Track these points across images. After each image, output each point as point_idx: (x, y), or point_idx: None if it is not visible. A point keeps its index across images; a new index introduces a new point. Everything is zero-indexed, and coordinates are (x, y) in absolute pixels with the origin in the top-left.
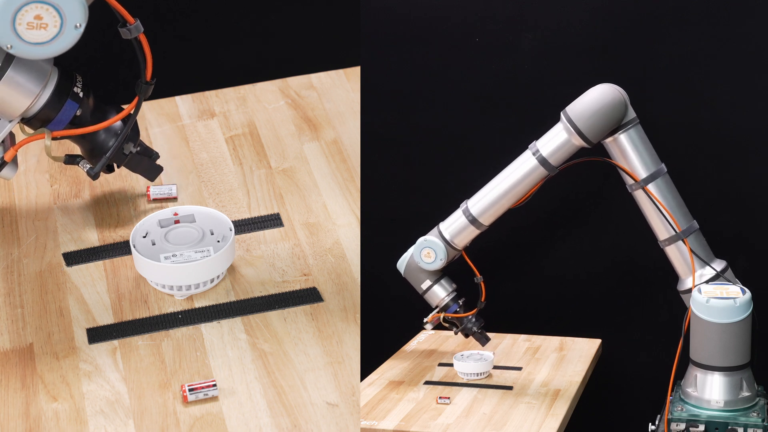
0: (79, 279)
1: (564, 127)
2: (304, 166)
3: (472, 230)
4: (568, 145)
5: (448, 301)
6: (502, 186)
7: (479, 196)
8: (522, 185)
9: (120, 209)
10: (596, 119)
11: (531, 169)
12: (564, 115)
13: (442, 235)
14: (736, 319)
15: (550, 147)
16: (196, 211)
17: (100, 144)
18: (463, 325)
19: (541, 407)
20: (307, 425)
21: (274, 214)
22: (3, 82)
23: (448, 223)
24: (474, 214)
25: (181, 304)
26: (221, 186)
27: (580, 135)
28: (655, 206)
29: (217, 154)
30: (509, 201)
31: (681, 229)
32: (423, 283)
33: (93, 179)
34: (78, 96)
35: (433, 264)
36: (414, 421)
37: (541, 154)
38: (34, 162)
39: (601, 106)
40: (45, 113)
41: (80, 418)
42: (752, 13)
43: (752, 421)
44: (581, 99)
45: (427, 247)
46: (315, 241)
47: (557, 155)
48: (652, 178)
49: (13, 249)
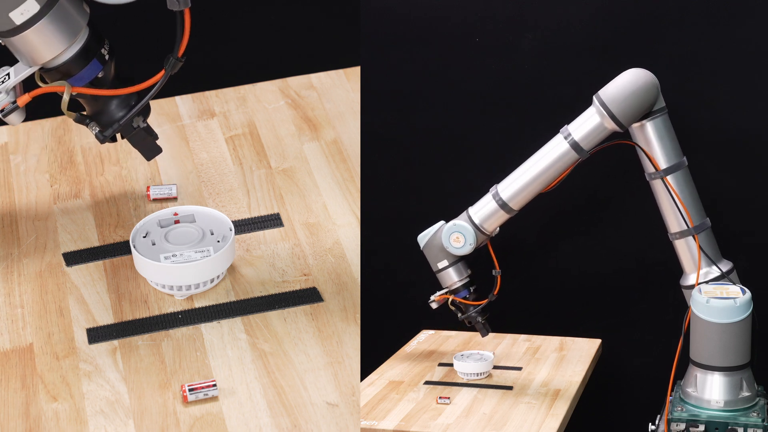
0: (79, 279)
1: (597, 110)
2: (304, 166)
3: (501, 215)
4: (600, 128)
5: (459, 285)
6: (533, 170)
7: (509, 181)
8: (553, 169)
9: (120, 209)
10: (629, 103)
11: (562, 153)
12: (597, 99)
13: (471, 220)
14: (736, 319)
15: (582, 131)
16: (196, 211)
17: (111, 111)
18: (468, 312)
19: (541, 407)
20: (307, 425)
21: (274, 214)
22: (35, 29)
23: (478, 208)
24: (504, 199)
25: (181, 304)
26: (221, 186)
27: (613, 118)
28: (671, 198)
29: (217, 154)
30: (540, 185)
31: (693, 225)
32: (440, 262)
33: (101, 143)
34: (104, 58)
35: (462, 249)
36: (414, 421)
37: (573, 138)
38: (34, 162)
39: (634, 90)
40: (68, 67)
41: (80, 418)
42: (752, 13)
43: (752, 421)
44: (614, 82)
45: (456, 232)
46: (315, 241)
47: (589, 139)
48: (672, 170)
49: (13, 249)
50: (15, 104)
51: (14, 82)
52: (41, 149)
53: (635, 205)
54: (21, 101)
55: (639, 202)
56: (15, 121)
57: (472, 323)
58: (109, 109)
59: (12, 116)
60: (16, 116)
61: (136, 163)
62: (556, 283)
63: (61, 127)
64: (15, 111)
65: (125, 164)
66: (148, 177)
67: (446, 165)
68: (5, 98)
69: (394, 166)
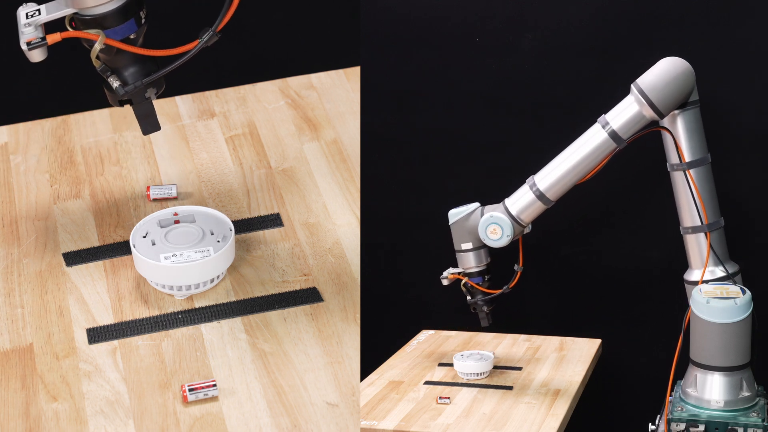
0: (79, 279)
1: (635, 99)
2: (304, 166)
3: (539, 206)
4: (638, 117)
5: (476, 271)
6: (571, 160)
7: (546, 171)
8: (591, 159)
9: (120, 209)
10: (668, 91)
11: (601, 143)
12: (635, 87)
13: (508, 211)
14: (737, 319)
15: (620, 120)
16: (196, 211)
17: (133, 73)
18: (476, 298)
19: (541, 407)
20: (307, 425)
21: (274, 214)
22: None
23: (514, 199)
24: (541, 189)
25: (181, 304)
26: (221, 186)
27: (652, 107)
28: (690, 192)
29: (217, 154)
30: (577, 176)
31: (708, 222)
32: (465, 243)
33: (120, 97)
34: (140, 21)
35: (499, 241)
36: (414, 421)
37: (611, 127)
38: (34, 162)
39: (673, 77)
40: (104, 19)
41: (80, 418)
42: (752, 13)
43: (752, 421)
44: (652, 71)
45: (493, 224)
46: (315, 241)
47: (627, 128)
48: (696, 164)
49: (13, 249)
50: (43, 40)
51: (46, 19)
52: (41, 149)
53: (635, 205)
54: (50, 38)
55: (639, 202)
56: (37, 57)
57: (477, 310)
58: (132, 68)
59: (36, 52)
60: (40, 53)
61: (136, 163)
62: (556, 283)
63: (61, 127)
64: (41, 47)
65: (125, 164)
66: (148, 177)
67: (446, 165)
68: (34, 32)
69: (394, 166)
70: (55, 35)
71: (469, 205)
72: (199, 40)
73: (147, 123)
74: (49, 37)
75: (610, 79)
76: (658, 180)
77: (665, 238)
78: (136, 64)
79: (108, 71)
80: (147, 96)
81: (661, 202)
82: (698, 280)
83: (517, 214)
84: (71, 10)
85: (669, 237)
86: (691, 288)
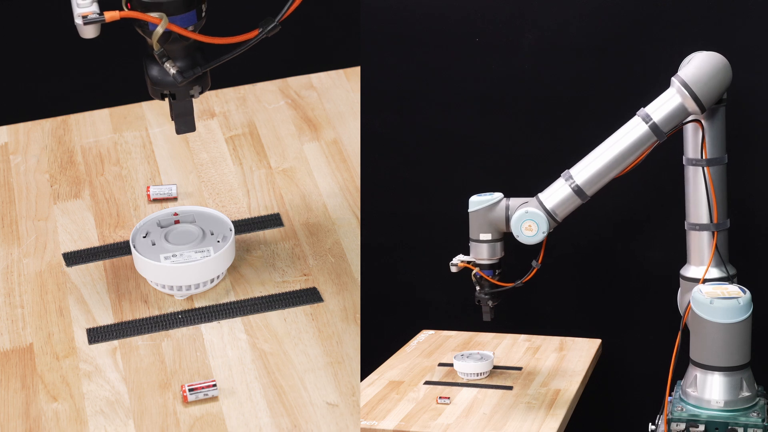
0: (79, 279)
1: (678, 92)
2: (304, 166)
3: (575, 201)
4: (681, 110)
5: (487, 264)
6: (610, 154)
7: (583, 165)
8: (631, 153)
9: (120, 209)
10: (711, 85)
11: (642, 136)
12: (678, 81)
13: (543, 206)
14: (739, 319)
15: (662, 112)
16: (196, 211)
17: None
18: (483, 290)
19: (541, 407)
20: (307, 425)
21: (274, 214)
22: None
23: (549, 194)
24: (579, 184)
25: (181, 304)
26: (221, 186)
27: (696, 100)
28: (706, 189)
29: (217, 154)
30: (617, 170)
31: (717, 222)
32: (484, 234)
33: (178, 83)
34: (201, 15)
35: (534, 237)
36: (414, 421)
37: (653, 120)
38: (34, 162)
39: (715, 72)
40: (168, 6)
41: (80, 418)
42: (752, 13)
43: (752, 421)
44: (693, 64)
45: (529, 220)
46: (315, 241)
47: (668, 121)
48: (715, 162)
49: (13, 249)
50: (101, 16)
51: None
52: (41, 149)
53: (635, 205)
54: (109, 16)
55: (639, 202)
56: (90, 33)
57: (482, 303)
58: (189, 57)
59: (90, 28)
60: (93, 29)
61: (136, 163)
62: (556, 283)
63: (61, 127)
64: (96, 24)
65: (125, 164)
66: (148, 177)
67: (446, 165)
68: (91, 7)
69: (394, 166)
70: (113, 13)
71: (492, 195)
72: (260, 30)
73: (183, 122)
74: (108, 14)
75: (610, 79)
76: (659, 180)
77: (665, 238)
78: (188, 56)
79: (165, 57)
80: (191, 93)
81: (662, 202)
82: (695, 277)
83: (553, 209)
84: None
85: (669, 237)
86: (687, 284)
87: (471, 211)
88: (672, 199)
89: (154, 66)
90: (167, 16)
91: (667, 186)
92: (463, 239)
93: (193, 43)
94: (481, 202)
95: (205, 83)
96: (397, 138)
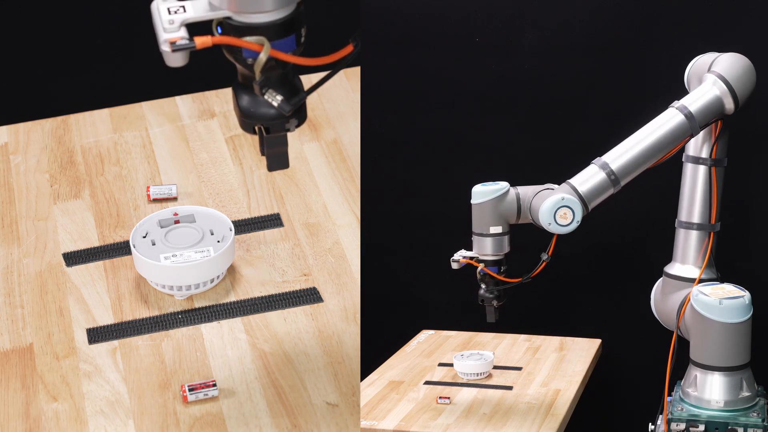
0: (79, 279)
1: (717, 87)
2: (304, 166)
3: (608, 189)
4: (717, 104)
5: (491, 260)
6: (646, 142)
7: (617, 153)
8: (667, 142)
9: (120, 209)
10: (745, 83)
11: (677, 126)
12: (716, 76)
13: (577, 192)
14: (742, 318)
15: (698, 104)
16: (196, 211)
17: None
18: (488, 288)
19: (541, 407)
20: (307, 425)
21: (274, 214)
22: None
23: (582, 180)
24: (614, 170)
25: (181, 304)
26: (221, 186)
27: (733, 97)
28: (708, 189)
29: (217, 154)
30: (651, 159)
31: (713, 223)
32: (492, 227)
33: (286, 113)
34: (300, 41)
35: (568, 227)
36: (414, 421)
37: (689, 111)
38: (34, 162)
39: (745, 71)
40: (266, 30)
41: (80, 418)
42: (752, 13)
43: (752, 421)
44: (725, 62)
45: (564, 207)
46: (315, 241)
47: (704, 114)
48: (720, 163)
49: (13, 249)
50: (191, 42)
51: (193, 18)
52: (41, 149)
53: (635, 204)
54: (200, 42)
55: (639, 202)
56: (178, 61)
57: (486, 304)
58: (289, 83)
59: (178, 55)
60: (182, 57)
61: (136, 163)
62: (557, 282)
63: (61, 127)
64: (186, 51)
65: (125, 164)
66: (148, 177)
67: (446, 165)
68: (179, 32)
69: (394, 166)
70: (205, 38)
71: (497, 184)
72: (354, 44)
73: (276, 158)
74: (198, 39)
75: (610, 79)
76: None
77: (666, 238)
78: (287, 83)
79: (266, 86)
80: (287, 127)
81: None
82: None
83: (587, 196)
84: (225, 12)
85: (670, 237)
86: (673, 282)
87: (477, 203)
88: (672, 198)
89: (244, 96)
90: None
91: (668, 186)
92: (463, 239)
93: (291, 69)
94: (489, 193)
95: (303, 115)
96: (397, 138)
